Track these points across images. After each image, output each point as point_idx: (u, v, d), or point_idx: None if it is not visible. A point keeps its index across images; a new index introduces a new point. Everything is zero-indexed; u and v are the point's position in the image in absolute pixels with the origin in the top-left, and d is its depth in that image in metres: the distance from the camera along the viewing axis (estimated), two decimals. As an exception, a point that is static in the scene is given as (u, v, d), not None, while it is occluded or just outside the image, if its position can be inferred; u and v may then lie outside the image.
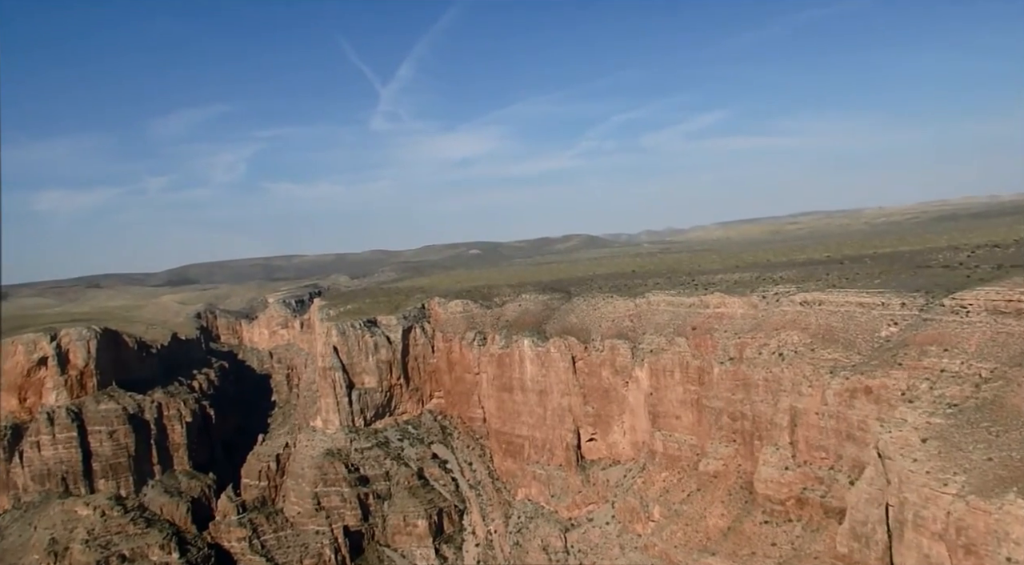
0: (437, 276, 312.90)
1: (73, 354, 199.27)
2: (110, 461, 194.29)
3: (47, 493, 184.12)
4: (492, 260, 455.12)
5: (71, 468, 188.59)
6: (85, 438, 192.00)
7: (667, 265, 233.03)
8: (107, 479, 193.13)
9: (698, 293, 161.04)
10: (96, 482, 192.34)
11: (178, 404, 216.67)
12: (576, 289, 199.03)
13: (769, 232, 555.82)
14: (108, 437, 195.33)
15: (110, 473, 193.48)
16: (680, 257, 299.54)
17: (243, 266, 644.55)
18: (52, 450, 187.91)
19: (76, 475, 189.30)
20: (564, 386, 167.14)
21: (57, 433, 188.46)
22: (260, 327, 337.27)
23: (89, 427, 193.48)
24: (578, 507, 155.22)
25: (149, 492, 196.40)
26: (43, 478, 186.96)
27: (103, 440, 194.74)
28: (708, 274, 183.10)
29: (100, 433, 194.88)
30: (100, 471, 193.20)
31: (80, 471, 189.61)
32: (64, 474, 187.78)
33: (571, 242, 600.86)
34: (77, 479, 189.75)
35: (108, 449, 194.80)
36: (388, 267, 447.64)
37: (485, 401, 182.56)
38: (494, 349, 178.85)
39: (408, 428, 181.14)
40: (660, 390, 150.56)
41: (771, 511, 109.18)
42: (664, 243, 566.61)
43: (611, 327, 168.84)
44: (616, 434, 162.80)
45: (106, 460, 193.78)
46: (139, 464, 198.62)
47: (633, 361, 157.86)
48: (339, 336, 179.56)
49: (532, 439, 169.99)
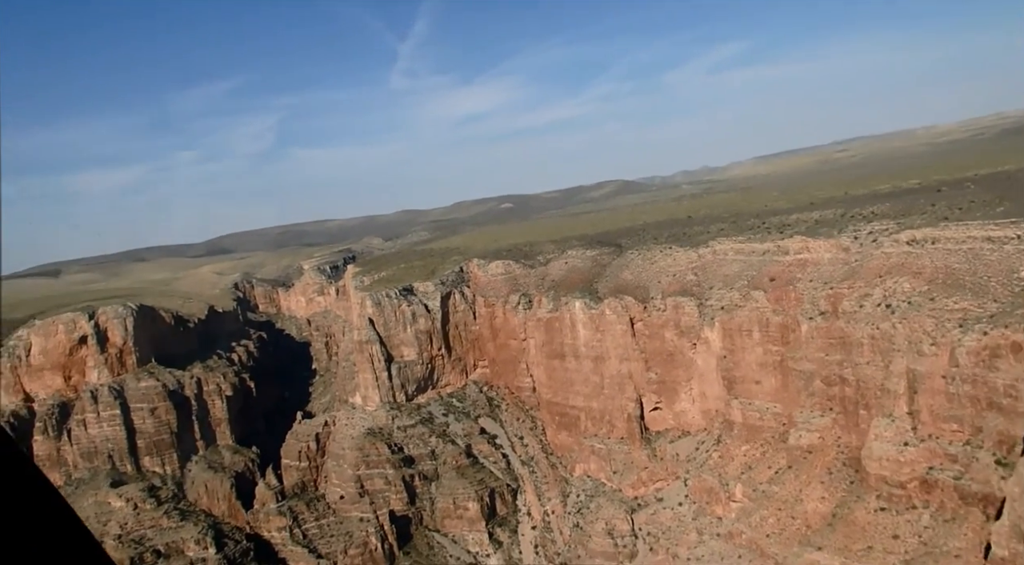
0: (471, 234, 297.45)
1: (111, 332, 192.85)
2: (153, 438, 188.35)
3: (95, 470, 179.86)
4: (524, 213, 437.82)
5: (116, 446, 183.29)
6: (128, 416, 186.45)
7: (725, 207, 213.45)
8: (152, 456, 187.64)
9: (772, 237, 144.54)
10: (141, 459, 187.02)
11: (217, 378, 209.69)
12: (627, 241, 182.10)
13: (817, 162, 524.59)
14: (150, 414, 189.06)
15: (154, 450, 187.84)
16: (731, 196, 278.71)
17: (275, 233, 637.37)
18: (97, 428, 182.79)
19: (122, 453, 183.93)
20: (622, 351, 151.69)
21: (101, 411, 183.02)
22: (297, 295, 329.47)
23: (131, 404, 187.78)
24: (644, 485, 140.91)
25: (193, 468, 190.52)
26: (91, 456, 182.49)
27: (145, 417, 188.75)
28: (779, 215, 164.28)
29: (142, 410, 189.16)
30: (144, 448, 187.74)
31: (125, 449, 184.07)
32: (110, 452, 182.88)
33: (605, 189, 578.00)
34: (123, 456, 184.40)
35: (151, 426, 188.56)
36: (419, 227, 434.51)
37: (534, 369, 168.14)
38: (541, 313, 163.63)
39: (452, 401, 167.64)
40: (735, 352, 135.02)
41: (888, 496, 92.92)
42: (704, 183, 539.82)
43: (672, 282, 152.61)
44: (684, 402, 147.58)
45: (149, 437, 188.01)
46: (182, 440, 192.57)
47: (701, 320, 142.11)
48: (374, 307, 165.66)
49: (588, 410, 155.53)
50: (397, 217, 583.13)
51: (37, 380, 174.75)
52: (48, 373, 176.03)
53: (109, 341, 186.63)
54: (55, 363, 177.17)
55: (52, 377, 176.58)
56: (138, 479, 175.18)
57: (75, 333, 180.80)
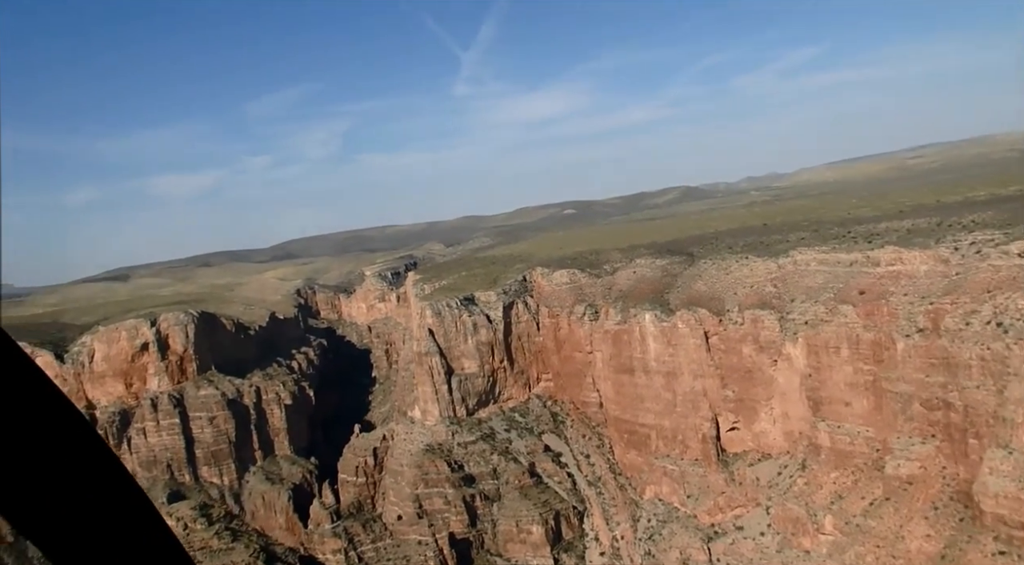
0: (534, 240, 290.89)
1: (172, 339, 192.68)
2: (211, 448, 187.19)
3: (154, 480, 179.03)
4: (588, 219, 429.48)
5: (175, 455, 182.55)
6: (187, 424, 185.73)
7: (803, 214, 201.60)
8: (210, 466, 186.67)
9: (859, 247, 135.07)
10: (199, 469, 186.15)
11: (276, 387, 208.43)
12: (699, 250, 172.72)
13: (891, 169, 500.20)
14: (209, 423, 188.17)
15: (212, 460, 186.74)
16: (807, 203, 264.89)
17: (339, 239, 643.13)
18: (157, 437, 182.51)
19: (180, 462, 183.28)
20: (696, 366, 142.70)
21: (160, 420, 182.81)
22: (358, 301, 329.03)
23: (190, 413, 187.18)
24: (721, 511, 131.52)
25: (251, 479, 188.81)
26: (150, 465, 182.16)
27: (204, 426, 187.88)
28: (865, 223, 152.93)
29: (201, 419, 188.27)
30: (203, 458, 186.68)
31: (184, 458, 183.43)
32: (169, 461, 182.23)
33: (669, 195, 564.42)
34: (181, 466, 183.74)
35: (209, 435, 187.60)
36: (481, 233, 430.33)
37: (600, 384, 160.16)
38: (609, 325, 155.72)
39: (515, 416, 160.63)
40: (821, 370, 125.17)
41: (1008, 538, 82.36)
42: (772, 189, 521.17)
43: (750, 294, 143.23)
44: (764, 422, 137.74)
45: (207, 447, 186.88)
46: (240, 450, 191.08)
47: (782, 335, 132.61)
48: (434, 317, 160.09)
49: (659, 428, 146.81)
50: (459, 223, 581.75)
51: (99, 387, 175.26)
52: (110, 380, 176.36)
53: (170, 348, 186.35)
54: (117, 370, 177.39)
55: (114, 384, 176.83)
56: (196, 490, 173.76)
57: (137, 340, 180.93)
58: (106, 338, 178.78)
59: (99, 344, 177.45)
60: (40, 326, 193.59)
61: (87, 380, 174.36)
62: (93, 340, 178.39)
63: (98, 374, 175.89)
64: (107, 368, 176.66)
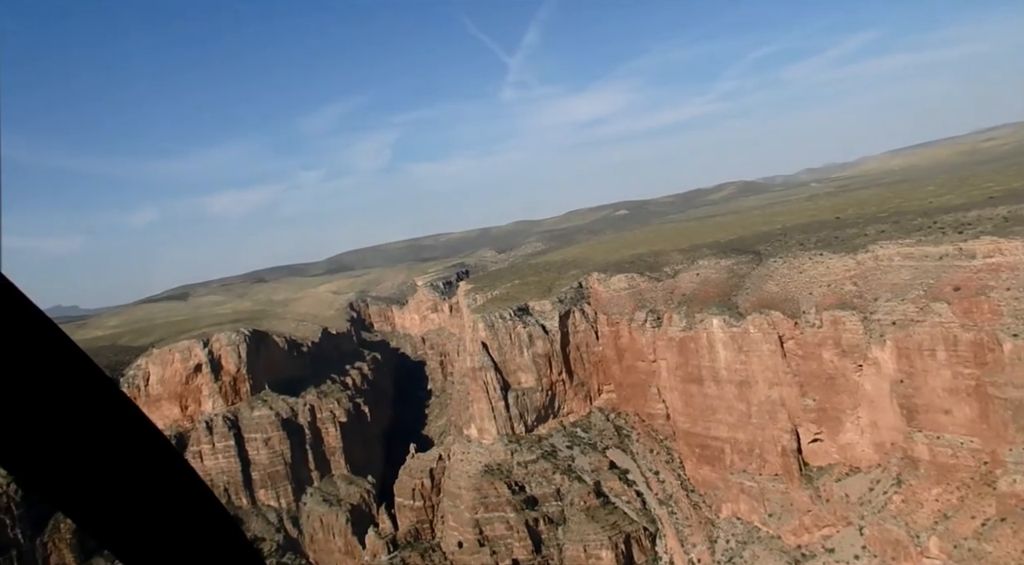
0: (587, 244, 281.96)
1: (225, 359, 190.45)
2: (268, 470, 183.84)
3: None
4: (642, 218, 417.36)
5: (232, 478, 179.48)
6: (243, 446, 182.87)
7: (877, 205, 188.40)
8: (266, 489, 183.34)
9: (949, 238, 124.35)
10: (256, 492, 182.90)
11: (331, 404, 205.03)
12: (766, 247, 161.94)
13: (964, 153, 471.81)
14: (264, 444, 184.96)
15: (269, 483, 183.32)
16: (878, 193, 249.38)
17: (393, 249, 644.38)
18: (213, 460, 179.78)
19: (237, 486, 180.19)
20: (772, 374, 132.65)
21: (216, 442, 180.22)
22: (411, 312, 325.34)
23: (245, 435, 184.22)
24: (808, 531, 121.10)
25: (308, 501, 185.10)
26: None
27: (259, 448, 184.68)
28: (952, 212, 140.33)
29: (256, 441, 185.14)
30: (259, 481, 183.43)
31: (240, 481, 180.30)
32: (226, 485, 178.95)
33: (725, 190, 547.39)
34: (239, 490, 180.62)
35: (265, 457, 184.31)
36: (533, 237, 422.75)
37: (666, 395, 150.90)
38: (673, 331, 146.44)
39: (577, 432, 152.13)
40: (915, 375, 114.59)
41: None
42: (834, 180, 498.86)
43: (827, 294, 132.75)
44: (850, 433, 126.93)
45: (264, 469, 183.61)
46: (296, 471, 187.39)
47: (867, 337, 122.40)
48: (487, 330, 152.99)
49: (734, 442, 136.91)
50: (511, 228, 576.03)
51: (155, 410, 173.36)
52: (166, 403, 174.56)
53: (223, 369, 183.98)
54: (172, 392, 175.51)
55: (170, 407, 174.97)
56: (253, 514, 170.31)
57: (190, 361, 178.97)
58: (160, 360, 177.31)
59: (153, 366, 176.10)
60: (98, 349, 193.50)
61: (143, 404, 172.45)
62: (148, 363, 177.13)
63: (154, 397, 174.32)
64: (162, 391, 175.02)
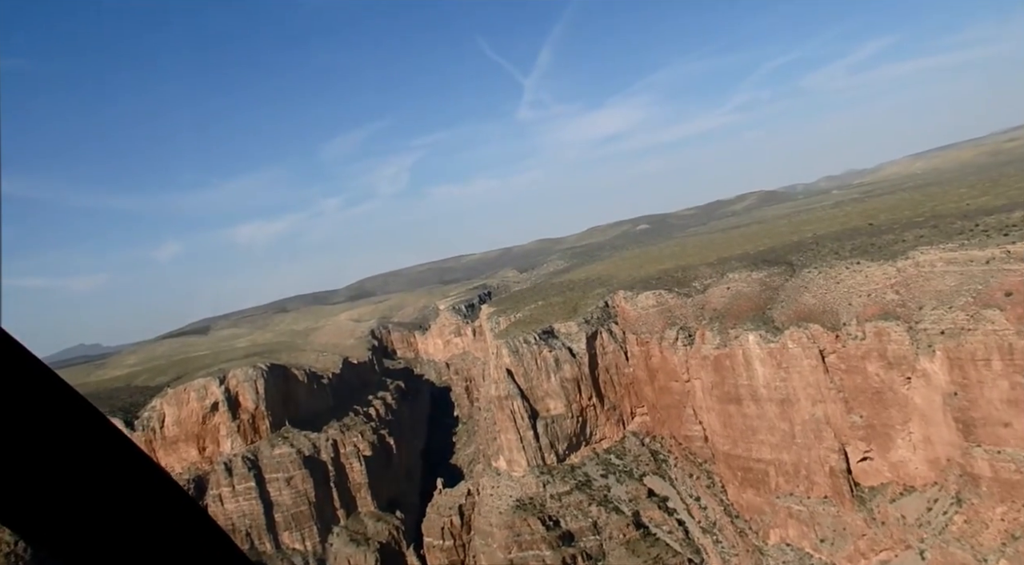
0: (611, 260, 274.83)
1: (242, 396, 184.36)
2: (291, 511, 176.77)
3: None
4: (664, 232, 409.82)
5: (254, 522, 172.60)
6: (264, 487, 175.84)
7: (911, 209, 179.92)
8: (291, 531, 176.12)
9: (995, 241, 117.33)
10: (280, 535, 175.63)
11: (354, 438, 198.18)
12: (798, 258, 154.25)
13: (988, 154, 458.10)
14: (286, 484, 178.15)
15: (293, 524, 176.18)
16: (910, 197, 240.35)
17: (415, 273, 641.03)
18: (234, 503, 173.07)
19: (260, 529, 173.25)
20: (814, 391, 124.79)
21: (236, 484, 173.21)
22: (434, 337, 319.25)
23: (266, 475, 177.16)
24: (864, 556, 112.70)
25: (335, 542, 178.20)
26: (229, 534, 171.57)
27: (281, 488, 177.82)
28: (995, 213, 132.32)
29: (277, 481, 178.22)
30: (283, 523, 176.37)
31: (263, 524, 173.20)
32: (248, 529, 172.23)
33: (747, 201, 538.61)
34: (261, 533, 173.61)
35: (287, 498, 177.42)
36: (555, 256, 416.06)
37: (703, 416, 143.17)
38: (706, 349, 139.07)
39: (611, 459, 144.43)
40: (969, 387, 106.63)
41: None
42: (856, 186, 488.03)
43: (868, 304, 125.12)
44: (902, 450, 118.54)
45: (287, 510, 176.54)
46: (321, 511, 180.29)
47: (914, 348, 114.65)
48: (512, 356, 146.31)
49: (778, 463, 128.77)
50: (532, 247, 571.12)
51: (172, 453, 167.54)
52: (183, 445, 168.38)
53: (241, 406, 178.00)
54: (189, 433, 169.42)
55: (187, 449, 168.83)
56: (278, 559, 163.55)
57: (207, 400, 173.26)
58: (175, 400, 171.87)
59: (168, 407, 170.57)
60: (113, 391, 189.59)
61: (159, 447, 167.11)
62: (162, 403, 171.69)
63: (170, 439, 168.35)
64: (179, 432, 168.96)
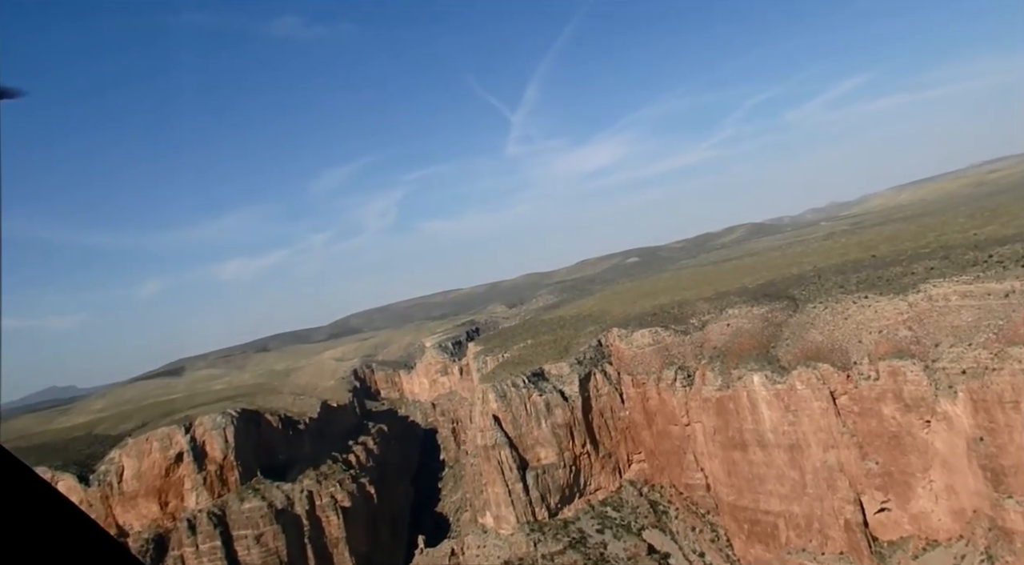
0: (602, 294, 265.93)
1: (210, 446, 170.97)
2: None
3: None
4: (655, 265, 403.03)
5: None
6: (231, 546, 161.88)
7: (913, 240, 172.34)
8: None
9: (1013, 273, 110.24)
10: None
11: (332, 488, 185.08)
12: (801, 292, 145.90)
13: (972, 184, 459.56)
14: (255, 542, 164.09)
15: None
16: (907, 228, 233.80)
17: (402, 308, 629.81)
18: (197, 563, 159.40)
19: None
20: (826, 435, 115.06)
21: (200, 543, 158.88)
22: (419, 376, 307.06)
23: (234, 532, 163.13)
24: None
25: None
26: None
27: (250, 546, 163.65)
28: (1007, 243, 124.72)
29: (246, 538, 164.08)
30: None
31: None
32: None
33: (735, 233, 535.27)
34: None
35: (256, 557, 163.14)
36: (544, 290, 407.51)
37: (705, 463, 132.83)
38: (708, 391, 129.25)
39: (607, 512, 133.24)
40: (996, 432, 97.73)
41: None
42: (843, 218, 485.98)
43: (880, 341, 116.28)
44: (923, 500, 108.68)
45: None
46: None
47: (933, 389, 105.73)
48: (499, 400, 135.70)
49: (789, 515, 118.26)
50: (522, 281, 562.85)
51: (131, 509, 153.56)
52: (143, 500, 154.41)
53: (208, 456, 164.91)
54: (150, 487, 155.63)
55: (147, 505, 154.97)
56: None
57: (170, 450, 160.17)
58: (136, 451, 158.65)
59: (128, 459, 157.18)
60: (70, 442, 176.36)
61: (116, 503, 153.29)
62: (122, 455, 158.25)
63: (128, 495, 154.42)
64: (138, 486, 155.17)
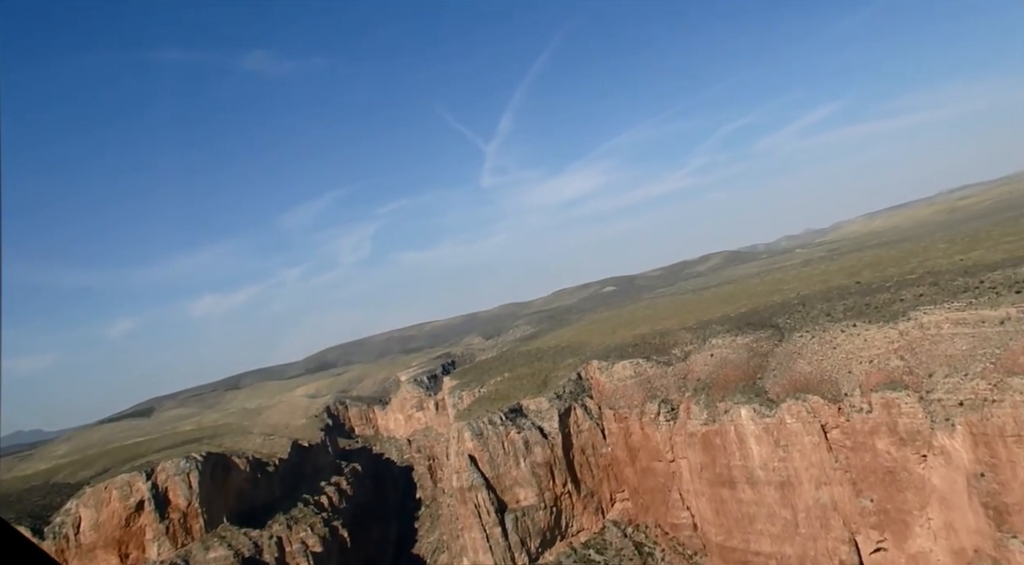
0: (580, 324, 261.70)
1: (172, 492, 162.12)
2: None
3: None
4: (632, 294, 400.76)
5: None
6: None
7: (898, 266, 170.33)
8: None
9: (1007, 300, 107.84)
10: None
11: (303, 532, 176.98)
12: (786, 320, 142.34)
13: (945, 211, 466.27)
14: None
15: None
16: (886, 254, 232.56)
17: (378, 342, 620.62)
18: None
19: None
20: (818, 471, 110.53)
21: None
22: (394, 412, 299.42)
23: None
24: None
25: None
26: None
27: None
28: (999, 268, 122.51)
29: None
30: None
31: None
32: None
33: (711, 261, 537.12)
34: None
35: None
36: (522, 320, 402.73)
37: (692, 501, 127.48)
38: (693, 425, 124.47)
39: (590, 555, 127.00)
40: (998, 467, 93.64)
41: None
42: (818, 245, 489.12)
43: (871, 372, 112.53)
44: (921, 539, 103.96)
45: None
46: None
47: (929, 422, 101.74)
48: (475, 439, 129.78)
49: (781, 557, 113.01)
50: (498, 311, 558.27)
51: (89, 563, 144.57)
52: (101, 553, 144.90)
53: (171, 504, 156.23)
54: (109, 539, 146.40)
55: (106, 557, 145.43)
56: None
57: (131, 498, 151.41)
58: (94, 501, 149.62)
59: (85, 509, 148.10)
60: (25, 492, 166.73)
61: (73, 557, 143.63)
62: (79, 505, 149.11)
63: (86, 548, 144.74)
64: (97, 538, 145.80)
